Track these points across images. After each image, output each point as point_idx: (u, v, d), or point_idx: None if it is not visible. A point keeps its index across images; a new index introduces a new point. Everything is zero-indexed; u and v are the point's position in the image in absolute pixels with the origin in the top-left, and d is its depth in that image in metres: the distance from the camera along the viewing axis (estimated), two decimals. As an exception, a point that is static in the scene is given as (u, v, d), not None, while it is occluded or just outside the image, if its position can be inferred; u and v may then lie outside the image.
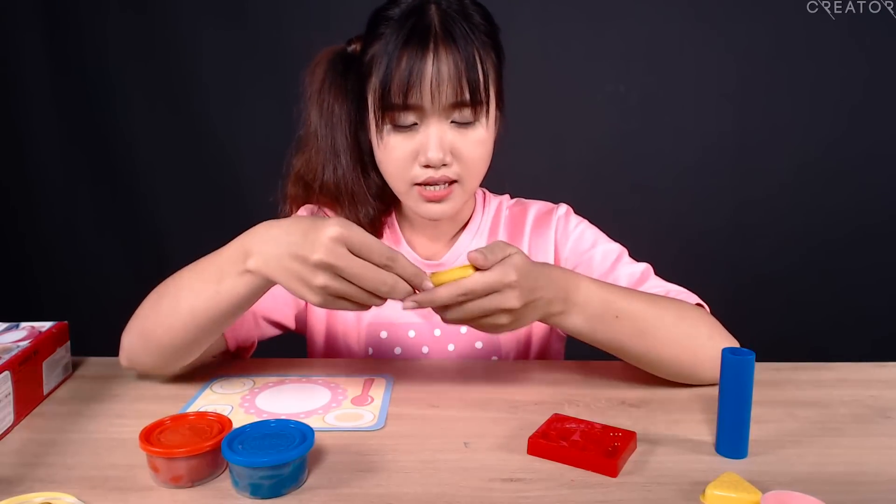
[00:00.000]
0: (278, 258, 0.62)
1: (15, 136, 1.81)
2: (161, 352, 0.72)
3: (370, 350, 0.90)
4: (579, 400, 0.74)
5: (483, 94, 0.77)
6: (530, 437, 0.63)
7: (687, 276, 0.89)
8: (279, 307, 0.88)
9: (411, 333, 0.90)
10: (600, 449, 0.60)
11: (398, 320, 0.89)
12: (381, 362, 0.87)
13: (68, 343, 0.81)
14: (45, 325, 0.79)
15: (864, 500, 0.56)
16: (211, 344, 0.76)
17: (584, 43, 1.72)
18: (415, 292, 0.64)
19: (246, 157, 1.78)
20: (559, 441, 0.62)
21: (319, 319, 0.91)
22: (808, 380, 0.80)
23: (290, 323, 0.90)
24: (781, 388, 0.78)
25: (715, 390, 0.64)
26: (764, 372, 0.80)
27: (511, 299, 0.64)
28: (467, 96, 0.76)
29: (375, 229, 0.89)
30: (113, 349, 0.84)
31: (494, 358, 0.90)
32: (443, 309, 0.65)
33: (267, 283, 0.66)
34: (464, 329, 0.90)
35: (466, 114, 0.77)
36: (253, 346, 0.87)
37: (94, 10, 1.73)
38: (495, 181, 1.00)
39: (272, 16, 1.70)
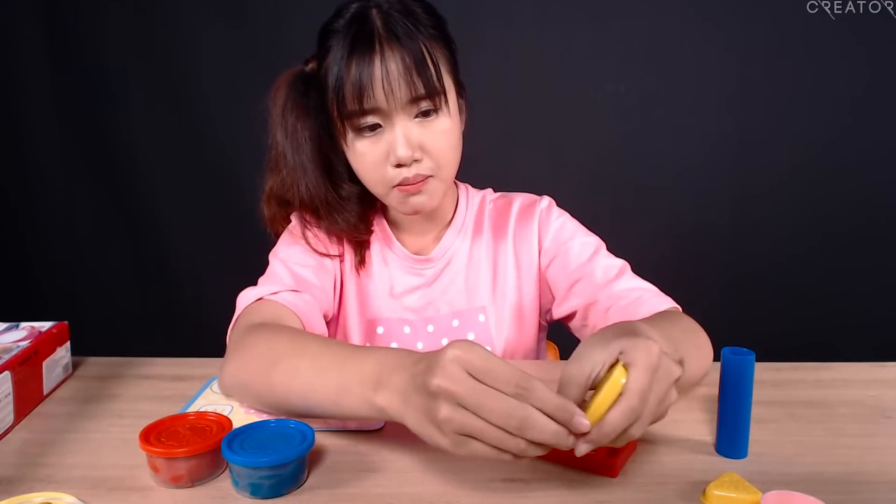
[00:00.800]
0: (405, 392, 0.54)
1: (15, 136, 1.81)
2: (268, 407, 0.69)
3: (367, 346, 0.90)
4: (579, 400, 0.74)
5: (438, 84, 0.78)
6: (530, 438, 0.62)
7: (687, 275, 0.90)
8: (328, 302, 0.88)
9: (406, 329, 0.91)
10: (600, 449, 0.60)
11: (393, 315, 0.91)
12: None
13: (68, 343, 0.81)
14: (45, 325, 0.79)
15: (864, 500, 0.56)
16: None
17: (584, 43, 1.72)
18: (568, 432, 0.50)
19: (246, 157, 1.76)
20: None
21: (329, 314, 0.91)
22: (808, 380, 0.80)
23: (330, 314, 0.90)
24: (781, 388, 0.78)
25: (715, 390, 0.64)
26: (764, 372, 0.80)
27: (673, 368, 0.54)
28: (422, 89, 0.77)
29: (361, 229, 0.89)
30: (113, 349, 0.85)
31: (487, 349, 0.90)
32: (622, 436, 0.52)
33: (393, 419, 0.57)
34: (456, 322, 0.91)
35: (425, 106, 0.78)
36: None
37: (94, 9, 1.73)
38: (495, 181, 1.01)
39: (272, 16, 1.70)
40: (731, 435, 0.62)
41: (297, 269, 0.85)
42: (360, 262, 0.91)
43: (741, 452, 0.62)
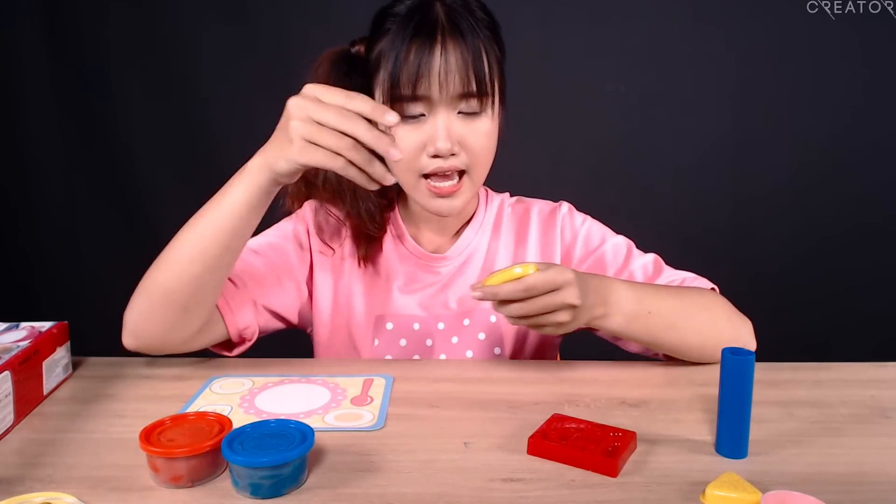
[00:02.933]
0: (269, 142, 0.69)
1: (15, 135, 1.81)
2: (167, 306, 0.73)
3: (376, 341, 0.90)
4: (579, 400, 0.74)
5: (489, 86, 0.79)
6: (530, 437, 0.63)
7: (686, 275, 0.90)
8: (281, 298, 0.88)
9: (416, 326, 0.90)
10: (600, 449, 0.60)
11: (404, 311, 0.90)
12: (381, 362, 0.87)
13: (68, 343, 0.81)
14: (45, 325, 0.79)
15: (864, 500, 0.56)
16: (212, 322, 0.78)
17: (584, 42, 1.72)
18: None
19: (246, 157, 1.77)
20: (559, 441, 0.62)
21: (324, 309, 0.91)
22: (808, 380, 0.80)
23: (293, 316, 0.90)
24: (781, 388, 0.78)
25: (715, 390, 0.64)
26: (764, 372, 0.79)
27: (572, 296, 0.69)
28: (474, 87, 0.78)
29: (377, 224, 0.90)
30: (113, 349, 0.84)
31: (497, 350, 0.91)
32: (505, 305, 0.69)
33: (263, 184, 0.70)
34: (467, 321, 0.91)
35: (473, 104, 0.79)
36: (253, 336, 0.86)
37: (94, 9, 1.73)
38: (495, 180, 1.00)
39: (272, 14, 1.70)
40: (731, 435, 0.62)
41: (251, 258, 0.86)
42: (365, 257, 0.91)
43: (741, 452, 0.62)
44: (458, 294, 0.91)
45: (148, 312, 0.75)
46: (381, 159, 0.64)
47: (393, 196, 0.92)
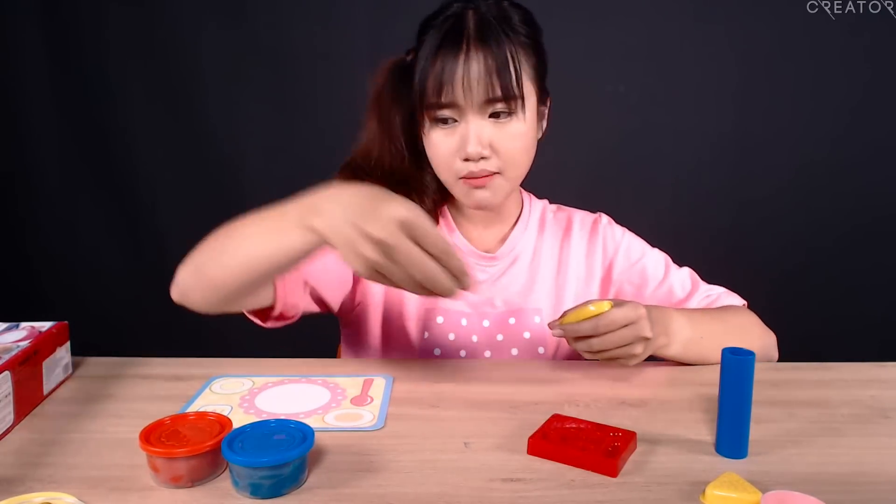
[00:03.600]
0: (341, 222, 0.61)
1: (15, 136, 1.81)
2: (214, 290, 0.73)
3: (426, 334, 0.92)
4: (579, 400, 0.74)
5: (516, 90, 0.80)
6: (530, 437, 0.63)
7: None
8: (331, 285, 0.88)
9: (463, 322, 0.92)
10: (600, 449, 0.60)
11: (452, 306, 0.93)
12: (380, 362, 0.87)
13: (68, 343, 0.81)
14: (45, 325, 0.79)
15: (864, 500, 0.56)
16: (261, 293, 0.77)
17: (584, 42, 1.72)
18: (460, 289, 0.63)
19: (246, 157, 1.78)
20: (559, 441, 0.62)
21: (376, 302, 0.93)
22: (808, 380, 0.80)
23: (335, 304, 0.91)
24: (781, 388, 0.78)
25: (715, 390, 0.64)
26: (764, 372, 0.80)
27: (646, 329, 0.74)
28: (499, 92, 0.80)
29: (432, 217, 0.90)
30: (113, 349, 0.84)
31: (541, 349, 0.93)
32: (583, 340, 0.75)
33: (323, 243, 0.65)
34: (512, 320, 0.92)
35: (500, 108, 0.81)
36: (296, 315, 0.85)
37: (94, 9, 1.73)
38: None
39: (272, 15, 1.70)
40: (731, 435, 0.62)
41: None
42: None
43: (741, 452, 0.62)
44: (505, 293, 0.93)
45: (196, 287, 0.74)
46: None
47: (445, 194, 0.93)
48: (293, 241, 0.66)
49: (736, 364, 0.61)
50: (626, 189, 1.77)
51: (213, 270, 0.72)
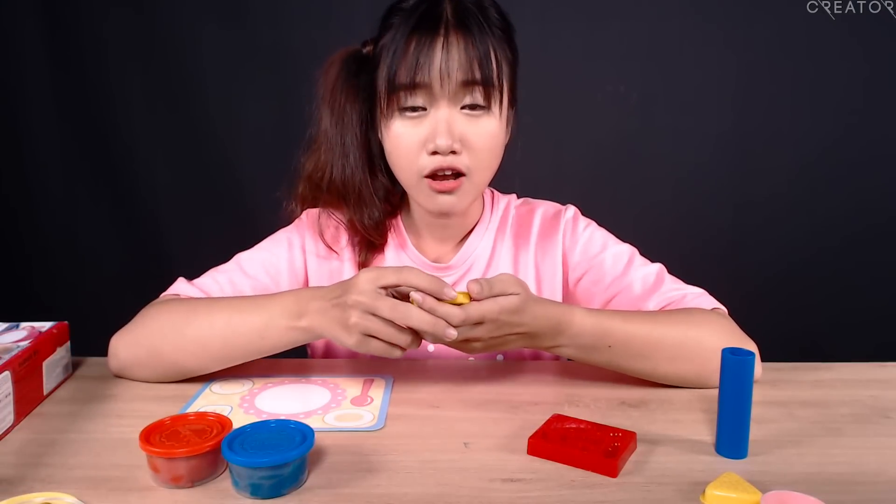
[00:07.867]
0: (327, 308, 0.68)
1: (15, 136, 1.81)
2: (172, 371, 0.75)
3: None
4: (579, 400, 0.74)
5: (496, 79, 0.76)
6: (530, 438, 0.63)
7: (687, 275, 0.89)
8: None
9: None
10: (600, 449, 0.60)
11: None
12: (381, 362, 0.87)
13: (68, 343, 0.81)
14: (45, 325, 0.79)
15: (864, 500, 0.56)
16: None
17: (584, 43, 1.72)
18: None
19: (246, 157, 1.77)
20: (559, 441, 0.62)
21: None
22: (808, 380, 0.80)
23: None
24: (781, 388, 0.78)
25: (715, 390, 0.64)
26: (764, 372, 0.80)
27: (521, 321, 0.69)
28: (478, 75, 0.75)
29: (380, 232, 0.89)
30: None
31: (499, 357, 0.90)
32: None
33: (309, 337, 0.73)
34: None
35: (478, 97, 0.76)
36: None
37: (94, 9, 1.73)
38: (496, 181, 1.00)
39: (272, 15, 1.70)
40: (730, 435, 0.62)
41: (240, 280, 0.86)
42: (363, 263, 0.90)
43: (741, 452, 0.62)
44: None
45: (147, 367, 0.77)
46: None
47: (397, 203, 0.91)
48: (279, 339, 0.73)
49: (736, 364, 0.61)
50: (626, 189, 1.77)
51: (174, 355, 0.75)
